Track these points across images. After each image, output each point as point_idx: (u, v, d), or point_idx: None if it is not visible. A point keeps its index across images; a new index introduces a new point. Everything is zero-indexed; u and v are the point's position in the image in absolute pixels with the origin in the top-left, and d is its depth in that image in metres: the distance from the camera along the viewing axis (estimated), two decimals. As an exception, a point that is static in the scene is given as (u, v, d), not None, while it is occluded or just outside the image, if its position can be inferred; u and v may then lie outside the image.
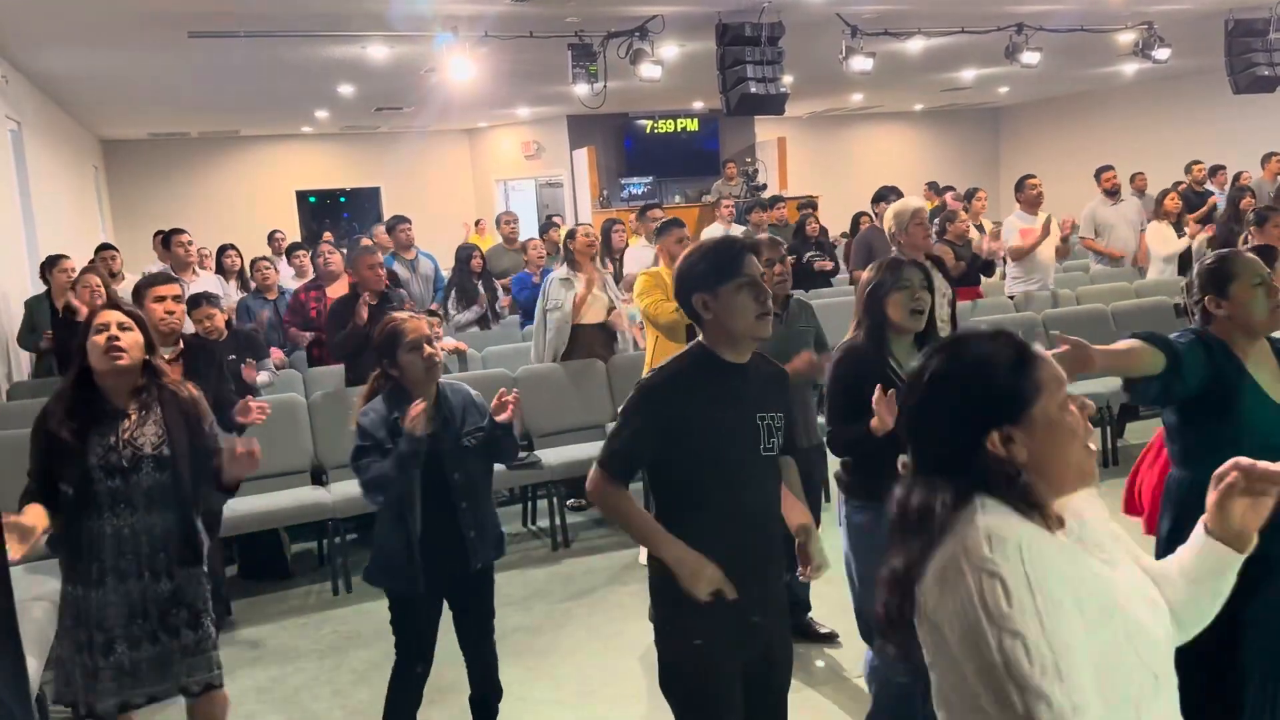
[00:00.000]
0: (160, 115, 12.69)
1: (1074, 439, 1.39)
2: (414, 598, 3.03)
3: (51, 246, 8.53)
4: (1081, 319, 6.96)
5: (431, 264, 8.04)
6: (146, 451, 2.84)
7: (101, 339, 2.83)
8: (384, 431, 2.97)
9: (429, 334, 3.05)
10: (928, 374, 1.45)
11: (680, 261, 2.43)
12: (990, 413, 1.39)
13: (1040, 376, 1.40)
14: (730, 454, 2.30)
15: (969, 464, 1.39)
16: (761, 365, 2.44)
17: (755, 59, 8.04)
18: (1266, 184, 10.08)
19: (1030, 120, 18.47)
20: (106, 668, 2.82)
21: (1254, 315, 2.58)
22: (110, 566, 2.82)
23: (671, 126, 14.77)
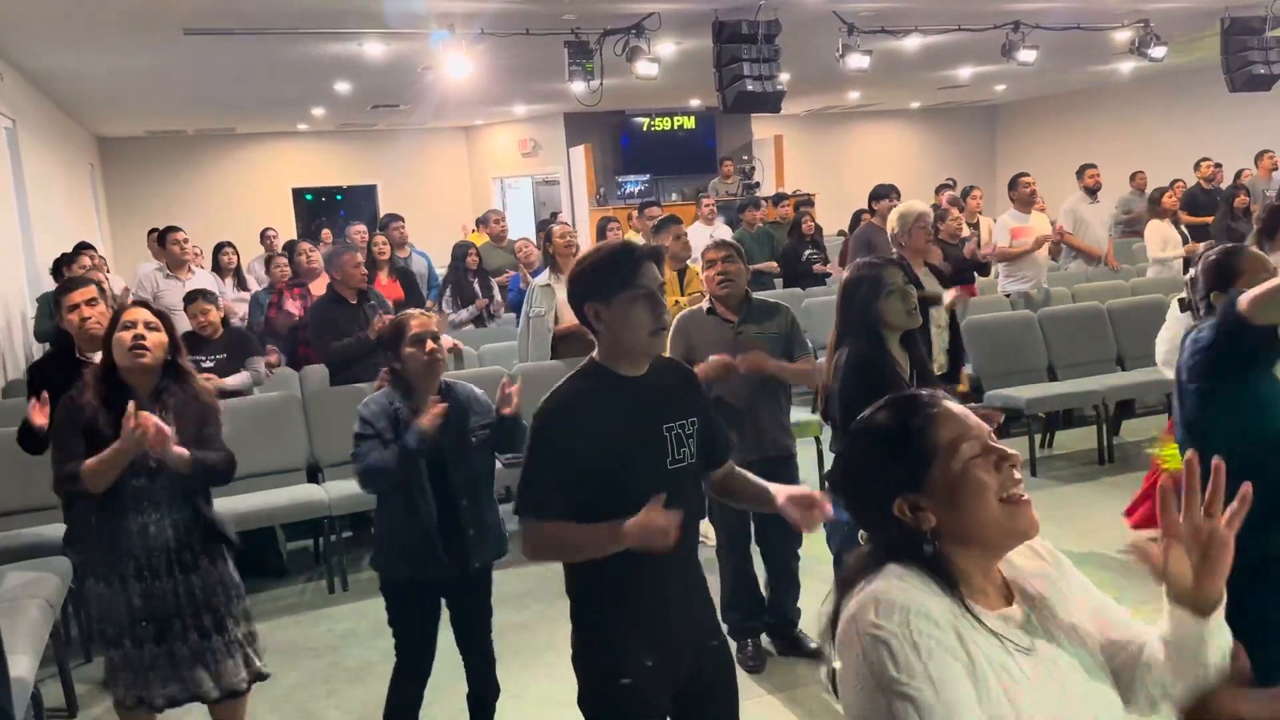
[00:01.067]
0: (156, 113, 12.67)
1: (983, 496, 1.32)
2: (424, 587, 3.04)
3: (48, 245, 8.53)
4: (1076, 317, 6.96)
5: (425, 262, 8.04)
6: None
7: (128, 336, 2.87)
8: (384, 422, 3.00)
9: (434, 330, 3.07)
10: (846, 441, 1.47)
11: (575, 264, 2.28)
12: (889, 482, 1.37)
13: (936, 437, 1.35)
14: (636, 473, 2.14)
15: (884, 530, 1.38)
16: (665, 372, 2.30)
17: (752, 56, 8.04)
18: (1261, 181, 10.11)
19: (1027, 118, 18.48)
20: (150, 659, 2.89)
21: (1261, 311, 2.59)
22: (145, 564, 2.88)
23: (668, 124, 14.77)
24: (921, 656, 1.24)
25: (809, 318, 7.85)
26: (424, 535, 3.01)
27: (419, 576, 3.05)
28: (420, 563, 3.03)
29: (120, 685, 2.93)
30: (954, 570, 1.34)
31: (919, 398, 1.42)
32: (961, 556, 1.35)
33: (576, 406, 2.18)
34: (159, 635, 2.90)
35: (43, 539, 4.39)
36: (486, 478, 3.19)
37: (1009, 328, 6.76)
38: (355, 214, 16.43)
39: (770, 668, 3.94)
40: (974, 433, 1.35)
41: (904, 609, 1.28)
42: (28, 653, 3.17)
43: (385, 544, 3.12)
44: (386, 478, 2.98)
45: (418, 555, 3.02)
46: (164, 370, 2.95)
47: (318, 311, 5.67)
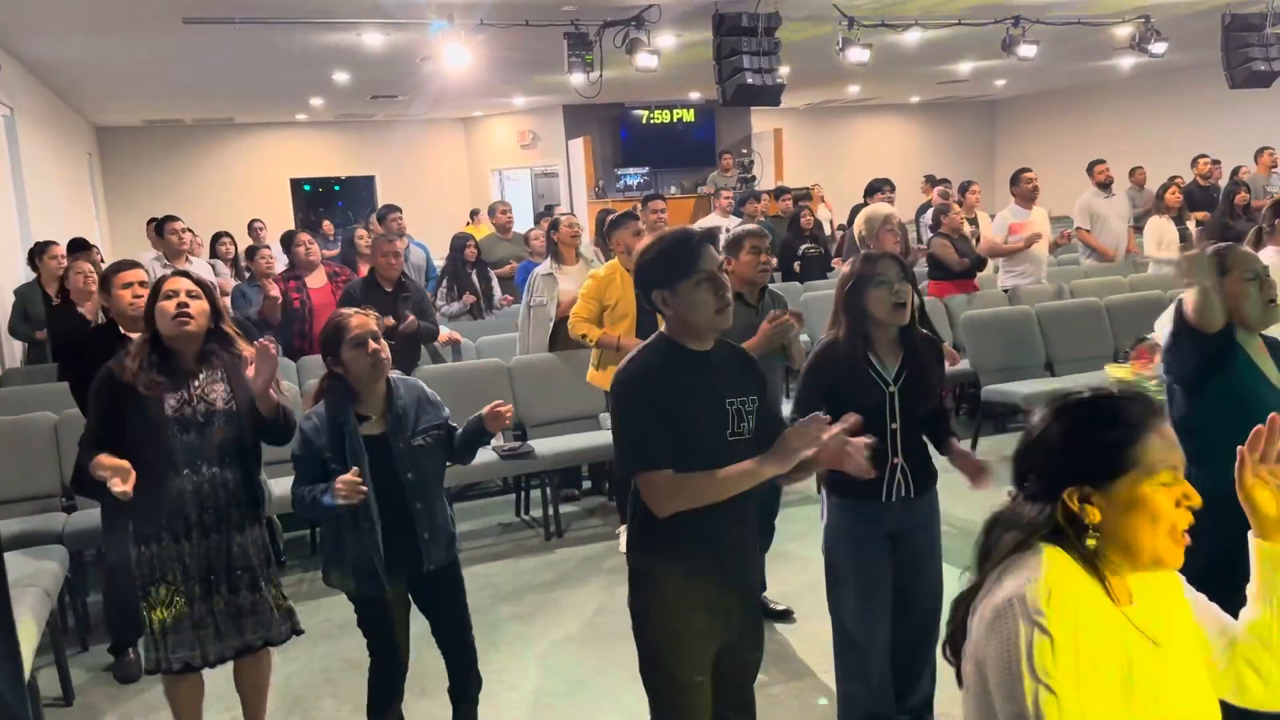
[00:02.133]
0: (155, 102, 12.64)
1: (1154, 525, 1.37)
2: (379, 598, 2.99)
3: (45, 234, 8.50)
4: (1075, 312, 6.97)
5: (423, 253, 8.03)
6: (219, 407, 2.96)
7: (171, 305, 2.94)
8: (324, 438, 2.87)
9: (375, 329, 2.94)
10: (1046, 416, 1.46)
11: (637, 256, 2.43)
12: (1075, 468, 1.39)
13: (1142, 453, 1.37)
14: (703, 441, 2.29)
15: (1047, 508, 1.40)
16: (726, 350, 2.46)
17: (752, 49, 8.03)
18: (1260, 178, 10.11)
19: (1026, 113, 18.47)
20: (202, 616, 2.97)
21: (1245, 310, 2.59)
22: (195, 521, 2.94)
23: (667, 117, 14.75)
24: (1079, 662, 1.28)
25: (807, 311, 7.86)
26: (365, 552, 2.91)
27: (362, 591, 2.98)
28: (365, 578, 2.95)
29: (169, 650, 2.97)
30: (1106, 563, 1.38)
31: (1150, 406, 1.42)
32: (1112, 555, 1.39)
33: (647, 372, 2.32)
34: (208, 591, 2.97)
35: (40, 527, 4.40)
36: (436, 478, 3.05)
37: (1007, 323, 6.77)
38: (353, 205, 16.44)
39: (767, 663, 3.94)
40: (1175, 463, 1.39)
41: (1076, 605, 1.31)
42: (25, 641, 3.17)
43: (331, 557, 3.04)
44: (304, 512, 2.91)
45: (362, 570, 2.94)
46: (208, 336, 3.01)
47: (350, 292, 5.71)
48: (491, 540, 5.46)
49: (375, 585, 2.95)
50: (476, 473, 5.20)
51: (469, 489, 6.11)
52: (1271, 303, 2.61)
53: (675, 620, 2.36)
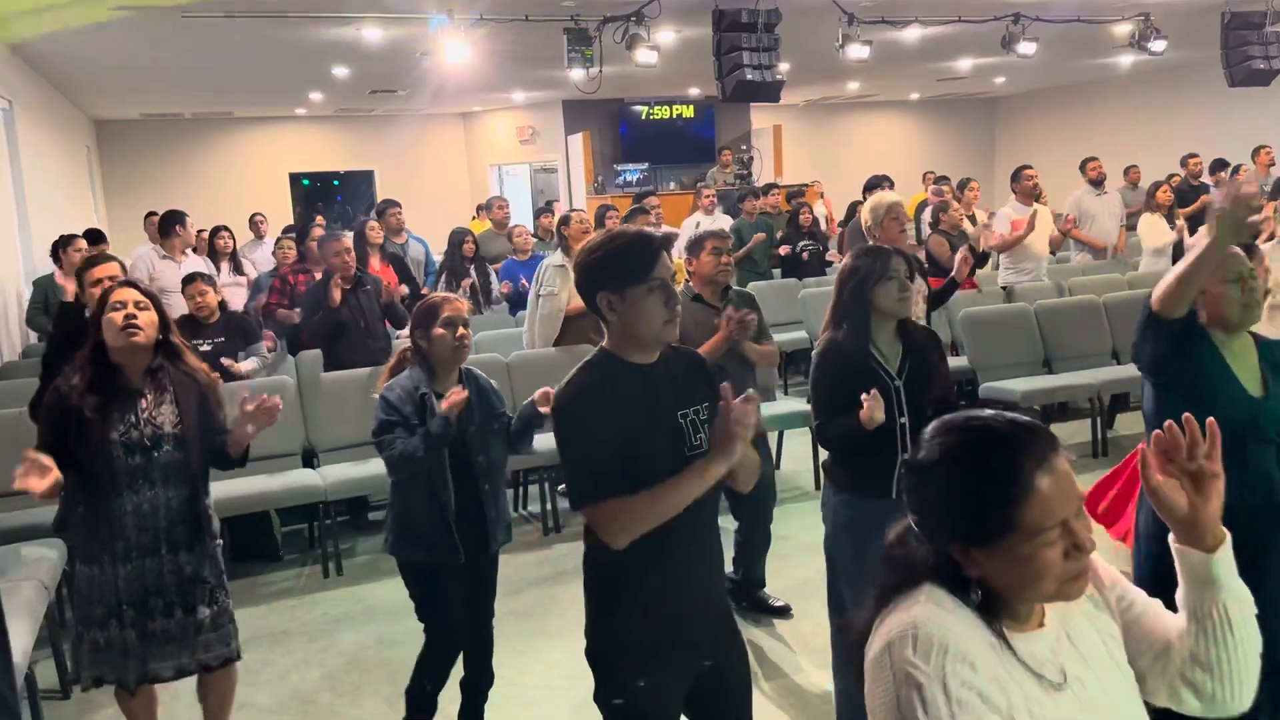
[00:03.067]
0: (154, 96, 12.62)
1: (1041, 578, 1.26)
2: (447, 570, 3.07)
3: (43, 227, 8.51)
4: (1073, 310, 6.97)
5: (422, 248, 8.03)
6: (166, 430, 2.90)
7: (119, 316, 2.85)
8: (410, 407, 3.02)
9: (466, 316, 3.13)
10: (923, 453, 1.33)
11: (583, 253, 2.22)
12: (956, 527, 1.29)
13: (1024, 515, 1.24)
14: (655, 463, 2.11)
15: (935, 551, 1.32)
16: (674, 358, 2.27)
17: (751, 45, 8.03)
18: (1258, 176, 10.11)
19: (1026, 111, 18.47)
20: (131, 641, 2.90)
21: (1226, 310, 2.59)
22: (134, 543, 2.88)
23: (667, 113, 14.74)
24: (952, 706, 1.22)
25: (805, 308, 7.88)
26: (443, 522, 3.05)
27: (434, 562, 3.08)
28: (437, 549, 3.06)
29: (96, 667, 2.92)
30: (996, 605, 1.30)
31: (1023, 457, 1.26)
32: (1005, 595, 1.31)
33: (592, 396, 2.14)
34: (141, 615, 2.90)
35: (38, 520, 4.40)
36: (502, 466, 3.26)
37: (1005, 320, 6.77)
38: (353, 200, 16.43)
39: (765, 654, 3.96)
40: (1059, 515, 1.25)
41: (942, 650, 1.24)
42: (22, 634, 3.17)
43: (401, 528, 3.13)
44: (414, 465, 2.99)
45: (435, 541, 3.06)
46: (156, 349, 2.94)
47: (310, 293, 5.73)
48: (489, 535, 5.48)
49: (448, 553, 3.05)
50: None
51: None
52: (1253, 304, 2.60)
53: (627, 653, 2.21)
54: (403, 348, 3.22)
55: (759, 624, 4.20)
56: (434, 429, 2.98)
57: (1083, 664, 1.33)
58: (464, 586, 3.15)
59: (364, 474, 5.00)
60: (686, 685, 2.25)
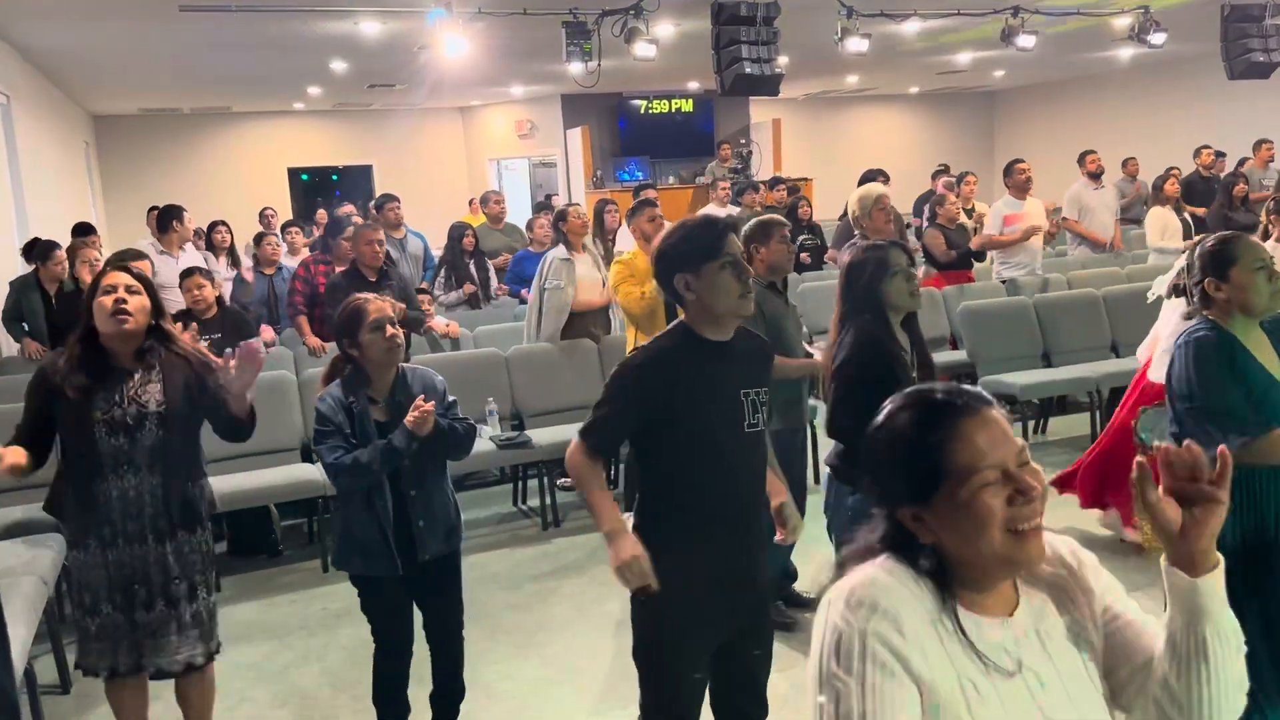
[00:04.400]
0: (152, 91, 12.60)
1: (986, 527, 1.24)
2: (386, 580, 2.98)
3: (41, 223, 8.50)
4: (1072, 304, 6.97)
5: (421, 243, 8.02)
6: (150, 409, 2.86)
7: (109, 300, 2.84)
8: (342, 416, 2.90)
9: (392, 315, 2.97)
10: (870, 427, 1.37)
11: (660, 241, 2.42)
12: (896, 491, 1.32)
13: (953, 458, 1.25)
14: (716, 433, 2.30)
15: (887, 526, 1.35)
16: (745, 341, 2.44)
17: (750, 39, 8.00)
18: (1257, 171, 10.10)
19: (1025, 104, 18.45)
20: (119, 627, 2.89)
21: (1253, 299, 2.61)
22: (120, 529, 2.86)
23: (666, 107, 14.72)
24: (865, 659, 1.23)
25: (804, 302, 7.87)
26: (379, 531, 2.93)
27: (373, 572, 2.98)
28: (374, 558, 2.95)
29: (87, 656, 2.93)
30: (952, 579, 1.30)
31: (948, 405, 1.29)
32: (963, 567, 1.30)
33: (660, 362, 2.32)
34: (127, 603, 2.89)
35: (37, 516, 4.39)
36: (435, 469, 3.04)
37: (1004, 314, 6.77)
38: (351, 194, 16.39)
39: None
40: (991, 460, 1.25)
41: (872, 608, 1.25)
42: (21, 629, 3.17)
43: (342, 538, 3.07)
44: (366, 476, 2.88)
45: (372, 551, 2.95)
46: (147, 334, 2.92)
47: (334, 283, 5.69)
48: (489, 530, 5.47)
49: (386, 565, 2.95)
50: (474, 462, 5.20)
51: (466, 478, 6.12)
52: (1278, 291, 2.62)
53: (673, 612, 2.33)
54: (334, 356, 3.07)
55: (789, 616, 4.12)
56: (397, 443, 2.84)
57: (1048, 664, 1.31)
58: (411, 597, 3.06)
59: (363, 469, 4.99)
60: (715, 643, 2.41)
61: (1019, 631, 1.31)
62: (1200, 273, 2.67)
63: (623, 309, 4.88)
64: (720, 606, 2.36)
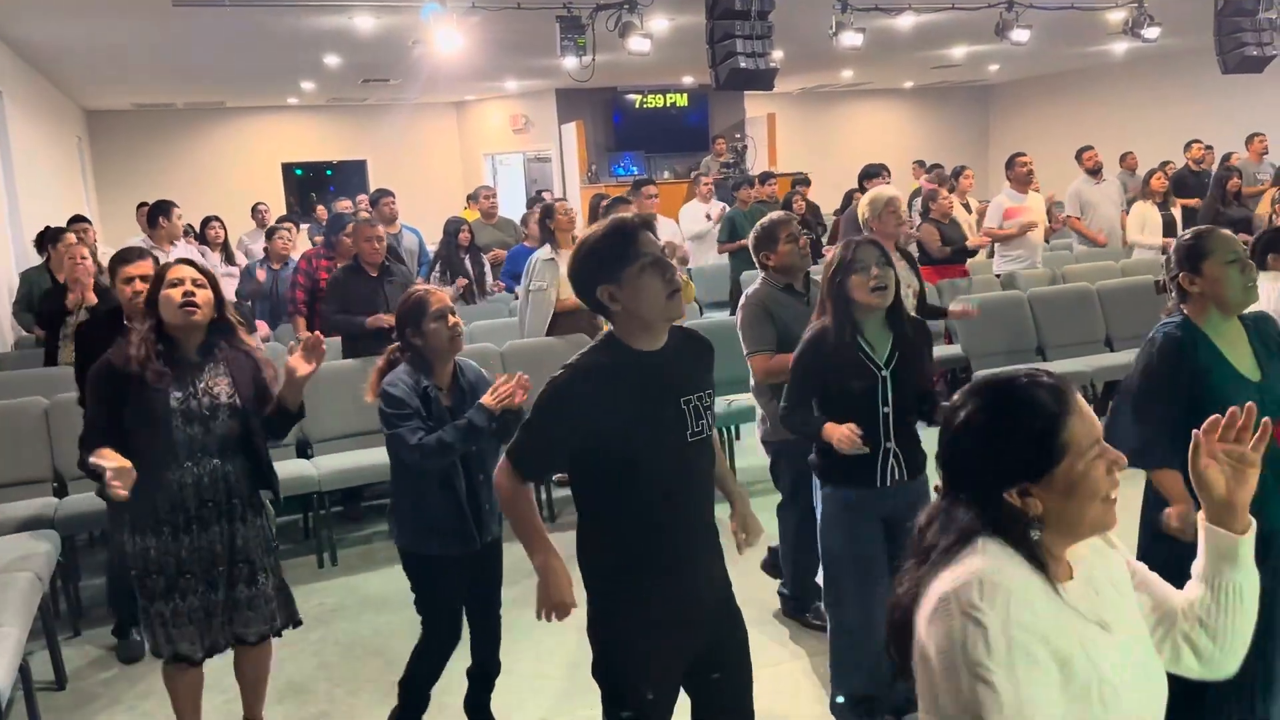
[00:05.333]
0: (145, 86, 12.56)
1: (1094, 497, 1.38)
2: (456, 560, 3.08)
3: (34, 218, 8.46)
4: (1068, 298, 6.98)
5: (416, 238, 8.01)
6: (223, 400, 2.95)
7: (177, 293, 2.90)
8: (417, 400, 3.00)
9: (452, 305, 3.10)
10: (962, 415, 1.44)
11: (572, 257, 2.26)
12: (1013, 469, 1.39)
13: (1070, 436, 1.38)
14: (655, 448, 2.18)
15: (986, 507, 1.40)
16: (680, 343, 2.29)
17: (745, 33, 7.98)
18: (1251, 164, 10.12)
19: (1020, 98, 18.46)
20: (196, 608, 2.96)
21: (1227, 293, 2.60)
22: (195, 514, 2.93)
23: (660, 101, 14.70)
24: (1012, 650, 1.29)
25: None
26: (458, 510, 3.05)
27: (449, 551, 3.08)
28: (452, 538, 3.06)
29: (165, 641, 2.97)
30: (1047, 551, 1.39)
31: (1062, 385, 1.41)
32: (1052, 540, 1.40)
33: (592, 380, 2.18)
34: (203, 585, 2.96)
35: (33, 512, 4.39)
36: (495, 455, 3.15)
37: (999, 308, 6.78)
38: (345, 189, 16.35)
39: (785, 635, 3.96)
40: (1098, 433, 1.40)
41: (1007, 594, 1.32)
42: (16, 625, 3.17)
43: (412, 519, 3.12)
44: (449, 455, 2.98)
45: (450, 530, 3.06)
46: (211, 327, 3.00)
47: (335, 279, 5.68)
48: (484, 525, 5.48)
49: (459, 543, 3.06)
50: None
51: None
52: (1251, 284, 2.62)
53: (629, 643, 2.24)
54: (390, 346, 3.16)
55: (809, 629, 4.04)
56: (477, 421, 2.95)
57: (1111, 609, 1.43)
58: (468, 577, 3.16)
59: (358, 464, 4.99)
60: (683, 663, 2.30)
61: (1083, 588, 1.43)
62: (1176, 267, 2.67)
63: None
64: (679, 629, 2.24)
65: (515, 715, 3.52)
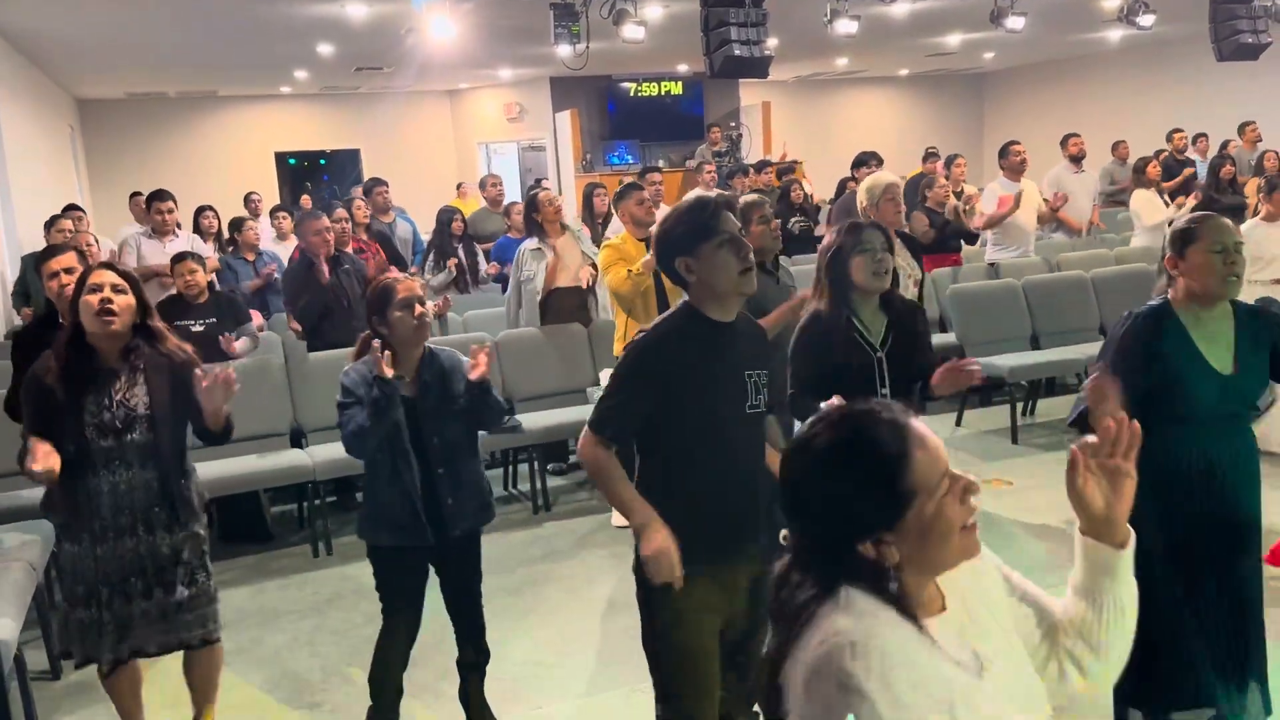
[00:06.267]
0: (137, 74, 12.49)
1: (950, 532, 1.30)
2: (413, 551, 3.04)
3: (26, 208, 8.44)
4: (1061, 286, 6.99)
5: (410, 227, 7.99)
6: (140, 412, 2.89)
7: (95, 300, 2.84)
8: (364, 389, 2.95)
9: (420, 294, 3.05)
10: (799, 465, 1.34)
11: (657, 227, 2.43)
12: (863, 521, 1.30)
13: (917, 477, 1.28)
14: (720, 412, 2.32)
15: (840, 560, 1.31)
16: (747, 323, 2.46)
17: (739, 20, 7.95)
18: (1245, 152, 10.13)
19: (1015, 86, 18.44)
20: (107, 620, 2.91)
21: (1206, 281, 2.57)
22: (110, 523, 2.89)
23: (655, 90, 14.64)
24: (899, 710, 1.21)
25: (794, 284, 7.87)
26: (408, 503, 3.00)
27: (402, 544, 3.04)
28: (404, 530, 3.01)
29: (81, 647, 2.94)
30: (910, 596, 1.31)
31: (898, 419, 1.31)
32: (914, 583, 1.33)
33: (669, 343, 2.33)
34: (118, 595, 2.91)
35: (25, 502, 4.38)
36: (467, 446, 3.13)
37: (993, 295, 6.78)
38: (339, 179, 16.32)
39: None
40: (945, 464, 1.30)
41: (882, 660, 1.23)
42: (10, 615, 3.17)
43: (370, 511, 3.12)
44: (366, 437, 2.92)
45: (402, 523, 3.01)
46: (134, 331, 2.93)
47: (289, 274, 5.72)
48: (479, 514, 5.49)
49: (417, 535, 3.01)
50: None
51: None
52: (1234, 277, 2.59)
53: (678, 591, 2.31)
54: (364, 334, 3.12)
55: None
56: (373, 394, 2.88)
57: (988, 641, 1.36)
58: (428, 573, 3.12)
59: (353, 454, 4.99)
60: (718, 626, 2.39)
61: (958, 621, 1.36)
62: (1165, 250, 2.67)
63: (612, 293, 4.84)
64: (724, 591, 2.37)
65: (512, 704, 3.53)
